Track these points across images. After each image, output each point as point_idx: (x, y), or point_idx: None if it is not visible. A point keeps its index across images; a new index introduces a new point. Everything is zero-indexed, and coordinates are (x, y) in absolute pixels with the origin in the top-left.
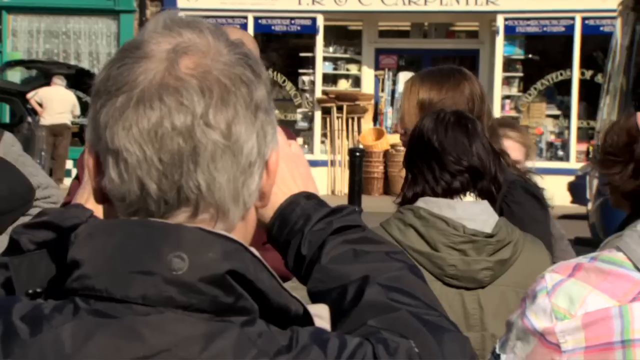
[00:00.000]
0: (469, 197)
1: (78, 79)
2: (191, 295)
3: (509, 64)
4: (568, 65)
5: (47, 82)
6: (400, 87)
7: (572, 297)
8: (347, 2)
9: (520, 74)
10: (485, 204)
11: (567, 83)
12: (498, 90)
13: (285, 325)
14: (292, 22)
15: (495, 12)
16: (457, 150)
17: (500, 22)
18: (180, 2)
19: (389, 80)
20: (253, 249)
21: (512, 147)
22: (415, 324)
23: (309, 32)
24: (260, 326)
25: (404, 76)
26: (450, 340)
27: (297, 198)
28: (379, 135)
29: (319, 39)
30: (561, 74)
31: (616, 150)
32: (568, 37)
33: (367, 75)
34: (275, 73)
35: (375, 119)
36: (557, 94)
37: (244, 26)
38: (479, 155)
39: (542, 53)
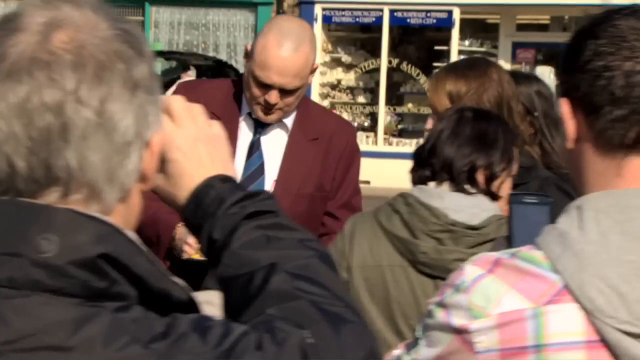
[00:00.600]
0: (470, 189)
1: (218, 71)
2: (60, 279)
3: None
4: None
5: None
6: None
7: (488, 295)
8: None
9: None
10: (480, 199)
11: None
12: None
13: (168, 312)
14: (428, 15)
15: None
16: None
17: None
18: None
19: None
20: (130, 233)
21: None
22: (315, 314)
23: (445, 25)
24: (136, 312)
25: (542, 70)
26: (350, 332)
27: (212, 181)
28: None
29: (455, 32)
30: None
31: None
32: None
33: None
34: (409, 66)
35: None
36: None
37: (379, 19)
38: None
39: None
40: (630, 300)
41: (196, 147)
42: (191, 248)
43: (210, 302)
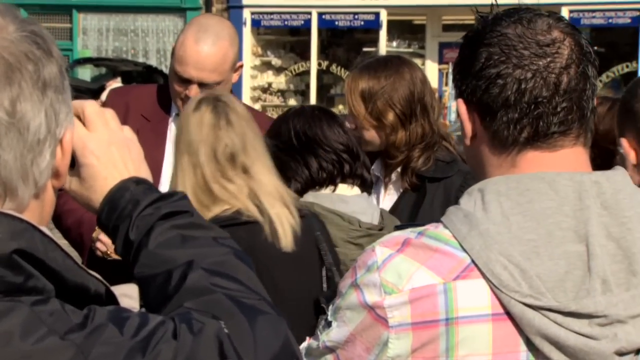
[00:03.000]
0: (354, 190)
1: (148, 76)
2: None
3: None
4: (634, 57)
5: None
6: None
7: (400, 272)
8: None
9: None
10: (366, 196)
11: (633, 75)
12: None
13: (86, 304)
14: (356, 17)
15: (560, 5)
16: (328, 139)
17: (565, 13)
18: None
19: (452, 74)
20: (44, 229)
21: None
22: (230, 306)
23: (373, 26)
24: (53, 305)
25: None
26: (265, 322)
27: (127, 183)
28: (444, 129)
29: (382, 33)
30: (627, 66)
31: None
32: (634, 28)
33: (431, 69)
34: (339, 68)
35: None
36: (623, 86)
37: (308, 22)
38: (346, 140)
39: (608, 45)
40: (531, 276)
41: (109, 150)
42: (103, 245)
43: (128, 295)
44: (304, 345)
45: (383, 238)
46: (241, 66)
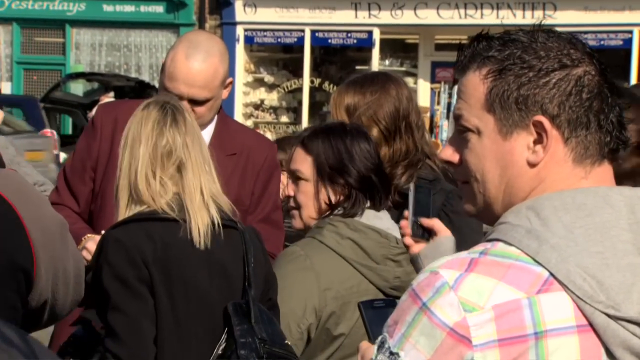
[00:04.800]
0: (381, 207)
1: (140, 91)
2: None
3: None
4: (626, 78)
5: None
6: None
7: (479, 289)
8: (403, 16)
9: None
10: (387, 213)
11: None
12: None
13: None
14: (349, 35)
15: (552, 26)
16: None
17: None
18: (238, 15)
19: (445, 93)
20: None
21: None
22: None
23: (366, 45)
24: None
25: None
26: None
27: None
28: (435, 148)
29: (375, 52)
30: None
31: None
32: (626, 50)
33: (423, 88)
34: (331, 86)
35: (431, 131)
36: None
37: (301, 39)
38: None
39: None
40: (607, 287)
41: None
42: (88, 254)
43: None
44: None
45: (439, 262)
46: (231, 82)
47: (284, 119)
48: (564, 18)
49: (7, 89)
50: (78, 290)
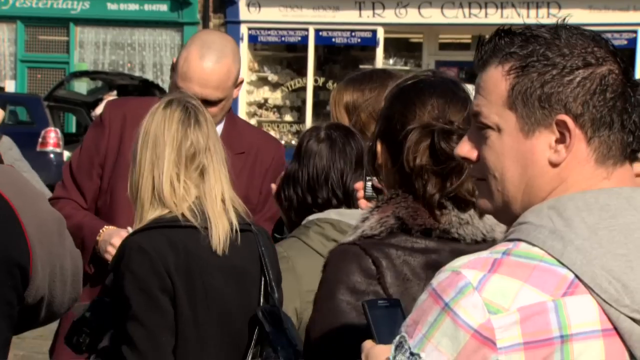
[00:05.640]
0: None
1: (144, 90)
2: None
3: None
4: None
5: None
6: None
7: (503, 291)
8: (407, 15)
9: None
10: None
11: None
12: None
13: None
14: (353, 34)
15: None
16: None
17: None
18: (242, 14)
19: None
20: None
21: None
22: None
23: (370, 44)
24: None
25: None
26: None
27: None
28: None
29: (379, 51)
30: None
31: None
32: (630, 50)
33: None
34: (335, 85)
35: None
36: None
37: (305, 38)
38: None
39: None
40: (632, 290)
41: None
42: (113, 249)
43: None
44: None
45: (461, 261)
46: (242, 82)
47: (288, 117)
48: (568, 17)
49: (11, 87)
50: (76, 288)
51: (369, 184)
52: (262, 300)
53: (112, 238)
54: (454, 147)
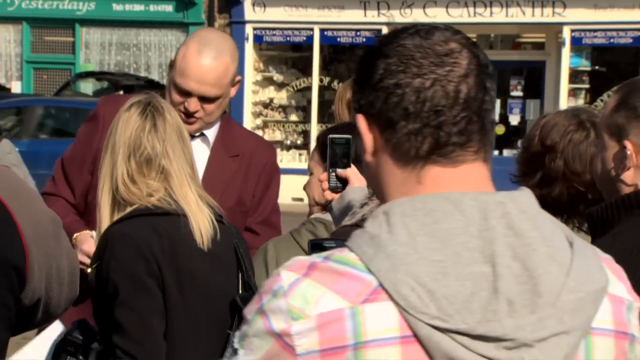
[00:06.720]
0: None
1: (149, 90)
2: None
3: (575, 76)
4: (635, 76)
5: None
6: None
7: (306, 297)
8: (412, 14)
9: (587, 86)
10: None
11: None
12: (564, 102)
13: None
14: (358, 34)
15: (562, 24)
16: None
17: (566, 33)
18: (247, 14)
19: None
20: None
21: None
22: None
23: None
24: None
25: None
26: None
27: None
28: None
29: None
30: None
31: (531, 156)
32: (636, 48)
33: None
34: (340, 84)
35: None
36: None
37: (310, 38)
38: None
39: (609, 65)
40: (438, 297)
41: None
42: (84, 258)
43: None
44: None
45: (289, 262)
46: (239, 81)
47: (293, 117)
48: (573, 16)
49: (17, 88)
50: (73, 289)
51: (332, 174)
52: (240, 288)
53: (82, 245)
54: None
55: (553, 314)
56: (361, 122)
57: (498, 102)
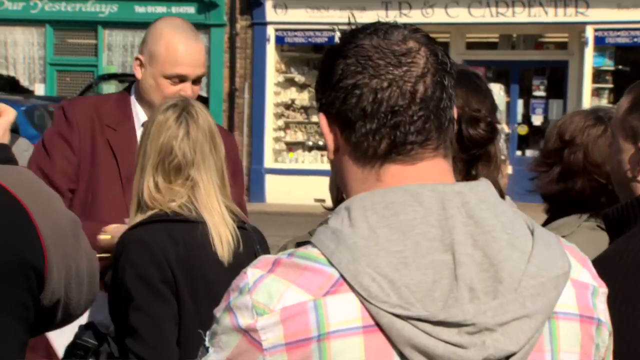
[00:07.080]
0: None
1: None
2: None
3: (598, 76)
4: None
5: None
6: None
7: (270, 292)
8: (434, 14)
9: (610, 86)
10: None
11: None
12: (587, 102)
13: None
14: None
15: (585, 23)
16: None
17: (589, 33)
18: (269, 15)
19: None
20: None
21: None
22: None
23: None
24: None
25: (492, 87)
26: None
27: None
28: None
29: None
30: None
31: (548, 152)
32: None
33: None
34: None
35: None
36: None
37: (331, 39)
38: None
39: (633, 64)
40: (399, 286)
41: None
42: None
43: None
44: None
45: (255, 260)
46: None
47: (315, 118)
48: (596, 15)
49: (40, 90)
50: (92, 289)
51: None
52: None
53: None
54: (481, 133)
55: (514, 299)
56: (322, 121)
57: (520, 103)
